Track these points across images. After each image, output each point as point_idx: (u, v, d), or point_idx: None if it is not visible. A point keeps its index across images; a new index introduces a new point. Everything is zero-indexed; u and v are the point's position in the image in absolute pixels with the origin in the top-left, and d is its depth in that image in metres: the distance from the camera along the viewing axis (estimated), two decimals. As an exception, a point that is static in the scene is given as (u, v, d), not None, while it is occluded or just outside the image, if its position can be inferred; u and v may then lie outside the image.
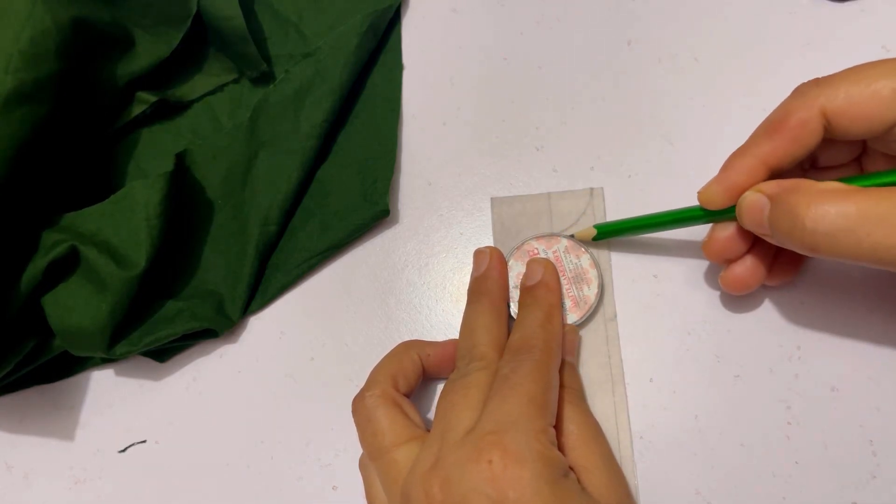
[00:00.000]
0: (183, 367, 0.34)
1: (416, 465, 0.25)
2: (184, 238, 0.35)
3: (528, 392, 0.25)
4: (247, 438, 0.33)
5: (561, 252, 0.32)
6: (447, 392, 0.27)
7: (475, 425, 0.25)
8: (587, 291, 0.31)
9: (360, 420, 0.28)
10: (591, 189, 0.34)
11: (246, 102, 0.37)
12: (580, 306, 0.31)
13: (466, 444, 0.24)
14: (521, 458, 0.23)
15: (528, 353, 0.27)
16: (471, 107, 0.36)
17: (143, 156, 0.37)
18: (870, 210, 0.23)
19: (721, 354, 0.31)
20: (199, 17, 0.36)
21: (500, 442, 0.23)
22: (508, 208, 0.34)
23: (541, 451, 0.24)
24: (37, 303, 0.32)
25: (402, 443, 0.26)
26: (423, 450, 0.25)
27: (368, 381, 0.29)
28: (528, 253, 0.32)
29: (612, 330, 0.32)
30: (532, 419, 0.25)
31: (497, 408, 0.25)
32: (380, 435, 0.27)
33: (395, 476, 0.26)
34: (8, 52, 0.30)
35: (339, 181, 0.35)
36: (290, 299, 0.34)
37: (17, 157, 0.31)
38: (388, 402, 0.28)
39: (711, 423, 0.30)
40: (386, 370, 0.29)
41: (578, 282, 0.32)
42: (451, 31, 0.38)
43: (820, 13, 0.35)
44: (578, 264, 0.32)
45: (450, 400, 0.26)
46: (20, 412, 0.35)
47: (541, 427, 0.25)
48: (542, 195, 0.34)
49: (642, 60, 0.35)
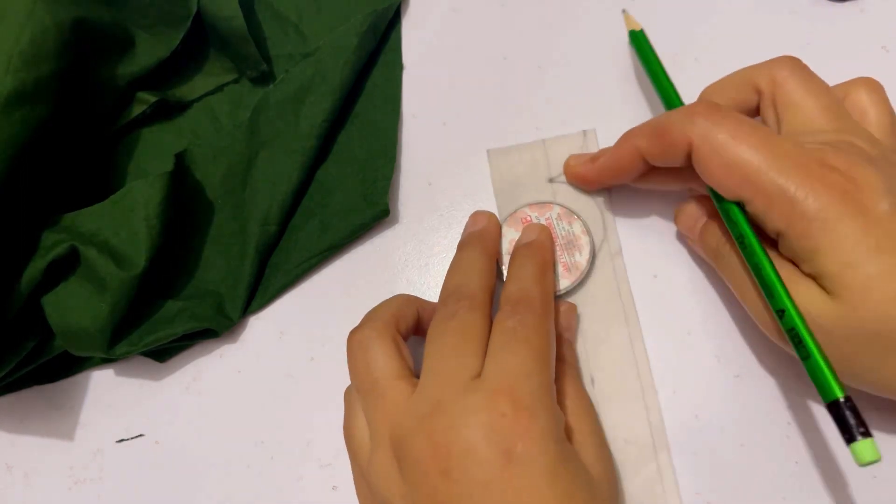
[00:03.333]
0: (183, 367, 0.34)
1: (412, 405, 0.25)
2: (184, 238, 0.35)
3: (537, 346, 0.25)
4: (247, 438, 0.33)
5: (553, 219, 0.32)
6: (439, 333, 0.26)
7: (483, 373, 0.24)
8: (578, 258, 0.32)
9: (355, 350, 0.27)
10: (583, 131, 0.34)
11: (246, 102, 0.37)
12: (571, 272, 0.32)
13: (476, 392, 0.24)
14: (534, 412, 0.23)
15: (529, 306, 0.26)
16: (471, 107, 0.36)
17: (143, 156, 0.37)
18: None
19: (721, 354, 0.31)
20: (199, 17, 0.36)
21: (512, 393, 0.23)
22: (505, 158, 0.34)
23: (549, 406, 0.24)
24: (37, 303, 0.32)
25: (396, 378, 0.26)
26: (420, 391, 0.25)
27: (367, 317, 0.28)
28: (520, 220, 0.33)
29: (619, 264, 0.32)
30: (542, 373, 0.25)
31: (506, 359, 0.25)
32: (373, 367, 0.26)
33: (384, 411, 0.25)
34: (8, 52, 0.30)
35: (339, 181, 0.35)
36: (290, 299, 0.34)
37: (17, 157, 0.31)
38: (386, 337, 0.27)
39: (711, 423, 0.30)
40: (387, 311, 0.28)
41: (570, 248, 0.32)
42: (451, 31, 0.38)
43: (820, 13, 0.35)
44: (571, 230, 0.32)
45: (445, 342, 0.26)
46: (20, 412, 0.35)
47: (549, 382, 0.25)
48: (538, 142, 0.34)
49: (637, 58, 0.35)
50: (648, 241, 0.33)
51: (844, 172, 0.24)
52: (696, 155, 0.26)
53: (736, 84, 0.30)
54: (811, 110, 0.27)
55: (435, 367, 0.25)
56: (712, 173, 0.26)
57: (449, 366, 0.25)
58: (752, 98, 0.29)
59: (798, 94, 0.28)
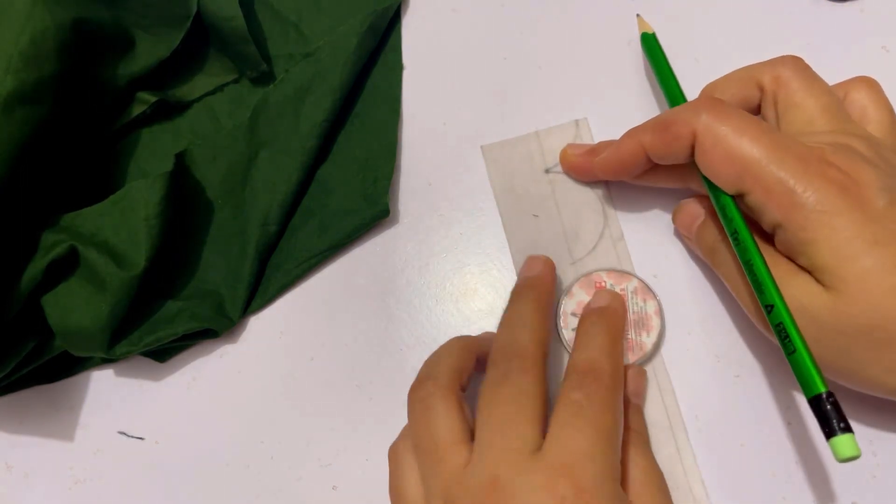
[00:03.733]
0: (183, 367, 0.34)
1: (469, 475, 0.24)
2: (184, 238, 0.35)
3: (604, 425, 0.24)
4: (247, 438, 0.33)
5: (629, 291, 0.31)
6: (493, 397, 0.25)
7: (543, 449, 0.23)
8: (645, 339, 0.30)
9: (416, 409, 0.26)
10: (576, 121, 0.34)
11: (246, 102, 0.37)
12: (634, 352, 0.30)
13: (536, 471, 0.23)
14: (595, 497, 0.22)
15: (598, 380, 0.25)
16: (471, 107, 0.36)
17: (143, 156, 0.37)
18: None
19: (721, 354, 0.31)
20: (199, 18, 0.36)
21: (574, 475, 0.22)
22: (500, 152, 0.35)
23: (613, 491, 0.23)
24: (37, 303, 0.32)
25: (457, 443, 0.25)
26: (477, 460, 0.24)
27: (427, 371, 0.27)
28: (594, 283, 0.31)
29: (622, 248, 0.32)
30: (607, 456, 0.24)
31: (570, 437, 0.24)
32: (434, 429, 0.25)
33: (442, 477, 0.24)
34: (8, 52, 0.30)
35: (339, 181, 0.35)
36: (290, 299, 0.34)
37: (17, 157, 0.31)
38: (449, 395, 0.26)
39: (711, 423, 0.30)
40: (448, 364, 0.27)
41: (639, 327, 0.30)
42: (451, 31, 0.38)
43: (820, 13, 0.35)
44: (644, 308, 0.31)
45: (499, 410, 0.25)
46: (20, 412, 0.35)
47: (614, 464, 0.24)
48: (531, 134, 0.35)
49: (642, 60, 0.35)
50: (649, 241, 0.33)
51: (843, 169, 0.25)
52: (698, 147, 0.27)
53: (739, 81, 0.30)
54: (812, 111, 0.27)
55: (490, 440, 0.24)
56: (713, 164, 0.26)
57: (505, 438, 0.24)
58: (755, 95, 0.29)
59: (800, 94, 0.28)
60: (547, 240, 0.33)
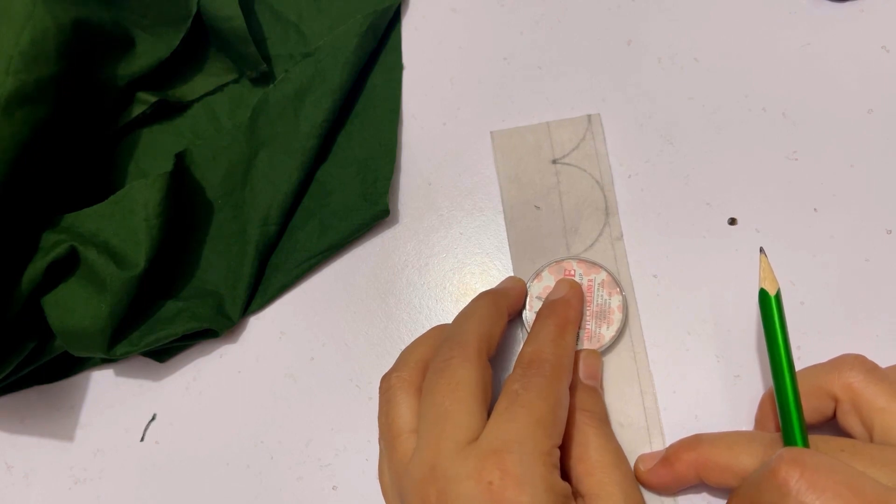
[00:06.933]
0: (183, 367, 0.34)
1: (412, 465, 0.25)
2: (183, 238, 0.35)
3: (537, 411, 0.25)
4: (247, 438, 0.33)
5: (595, 283, 0.31)
6: (434, 388, 0.26)
7: (480, 438, 0.24)
8: (605, 331, 0.31)
9: (381, 399, 0.28)
10: (588, 115, 0.34)
11: (246, 102, 0.37)
12: (591, 342, 0.31)
13: (467, 459, 0.23)
14: (522, 482, 0.23)
15: (539, 369, 0.26)
16: (471, 107, 0.36)
17: (143, 156, 0.37)
18: None
19: (721, 354, 0.31)
20: (199, 17, 0.36)
21: (503, 462, 0.23)
22: (508, 139, 0.34)
23: (543, 475, 0.23)
24: (37, 303, 0.32)
25: (410, 432, 0.26)
26: (419, 450, 0.25)
27: (398, 361, 0.29)
28: (564, 270, 0.32)
29: (619, 248, 0.32)
30: (538, 441, 0.24)
31: (502, 425, 0.24)
32: (391, 419, 0.27)
33: (397, 463, 0.26)
34: (8, 53, 0.30)
35: (339, 181, 0.35)
36: (290, 299, 0.34)
37: (17, 157, 0.31)
38: (410, 389, 0.27)
39: (711, 423, 0.30)
40: (415, 354, 0.28)
41: (599, 318, 0.31)
42: (451, 31, 0.38)
43: (820, 13, 0.35)
44: (608, 302, 0.31)
45: (436, 401, 0.25)
46: (20, 412, 0.35)
47: (546, 449, 0.24)
48: (542, 124, 0.34)
49: (642, 60, 0.35)
50: (649, 241, 0.33)
51: None
52: None
53: (808, 393, 0.27)
54: None
55: (429, 429, 0.25)
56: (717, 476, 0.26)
57: (442, 427, 0.25)
58: (829, 406, 0.27)
59: (882, 399, 0.25)
60: (546, 232, 0.33)
